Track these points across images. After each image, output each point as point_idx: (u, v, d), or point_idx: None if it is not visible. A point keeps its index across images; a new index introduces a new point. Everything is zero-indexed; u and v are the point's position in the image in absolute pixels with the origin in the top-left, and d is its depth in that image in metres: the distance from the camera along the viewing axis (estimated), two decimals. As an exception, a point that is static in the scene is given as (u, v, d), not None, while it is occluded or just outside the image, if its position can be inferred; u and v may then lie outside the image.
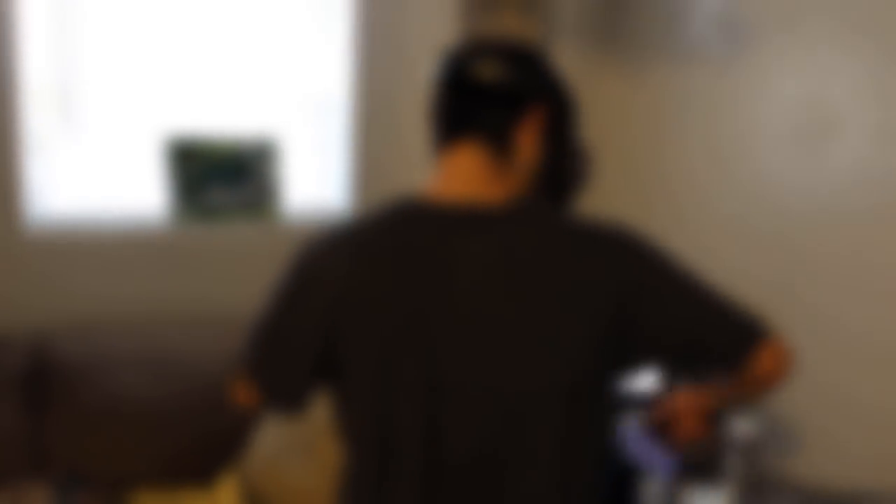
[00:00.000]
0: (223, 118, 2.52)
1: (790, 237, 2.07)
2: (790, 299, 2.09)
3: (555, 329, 1.11)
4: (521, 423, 1.14)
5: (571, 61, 2.74)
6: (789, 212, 2.06)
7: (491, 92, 1.16)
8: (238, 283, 2.50)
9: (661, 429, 1.34)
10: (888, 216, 1.83)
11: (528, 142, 1.19)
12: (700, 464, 2.07)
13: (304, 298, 1.21)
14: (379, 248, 1.16)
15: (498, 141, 1.18)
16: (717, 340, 1.15)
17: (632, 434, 1.99)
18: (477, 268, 1.13)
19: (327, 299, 1.18)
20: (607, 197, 2.75)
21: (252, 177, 2.50)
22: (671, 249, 2.46)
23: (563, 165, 1.22)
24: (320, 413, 2.17)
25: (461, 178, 1.19)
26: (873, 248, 1.87)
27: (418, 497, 1.18)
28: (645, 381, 2.09)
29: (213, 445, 2.29)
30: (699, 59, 2.31)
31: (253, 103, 2.55)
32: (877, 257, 1.87)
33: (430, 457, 1.17)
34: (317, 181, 2.66)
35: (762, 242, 2.16)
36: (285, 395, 1.26)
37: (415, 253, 1.15)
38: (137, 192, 2.46)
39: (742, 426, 2.01)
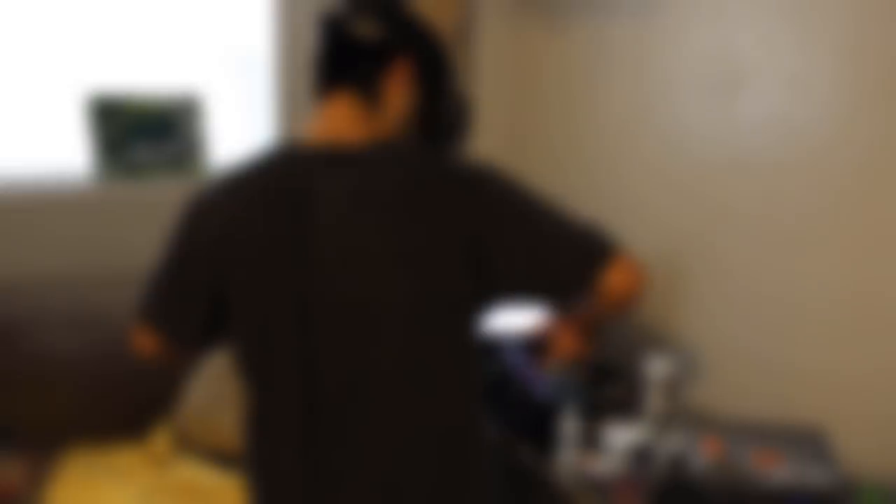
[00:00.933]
0: (146, 74, 2.50)
1: (703, 184, 2.14)
2: (702, 244, 2.17)
3: (413, 254, 1.19)
4: (389, 344, 1.21)
5: (493, 12, 2.76)
6: (703, 159, 2.14)
7: (361, 47, 1.26)
8: (164, 239, 2.50)
9: (540, 348, 1.42)
10: (793, 161, 1.91)
11: (396, 91, 1.29)
12: (617, 401, 2.16)
13: (193, 240, 1.30)
14: (255, 188, 1.25)
15: (366, 90, 1.27)
16: (564, 262, 1.22)
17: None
18: (338, 200, 1.21)
19: (212, 237, 1.27)
20: (525, 145, 2.79)
21: (176, 133, 2.49)
22: (585, 196, 2.52)
23: (437, 112, 1.29)
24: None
25: (331, 123, 1.28)
26: (780, 192, 1.95)
27: (299, 424, 1.25)
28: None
29: (144, 401, 2.31)
30: (617, 10, 2.35)
31: (176, 59, 2.53)
32: (783, 201, 1.95)
33: (306, 381, 1.24)
34: (242, 136, 2.66)
35: (675, 189, 2.23)
36: (183, 333, 1.32)
37: (284, 190, 1.23)
38: (60, 151, 2.44)
39: (658, 366, 2.09)
